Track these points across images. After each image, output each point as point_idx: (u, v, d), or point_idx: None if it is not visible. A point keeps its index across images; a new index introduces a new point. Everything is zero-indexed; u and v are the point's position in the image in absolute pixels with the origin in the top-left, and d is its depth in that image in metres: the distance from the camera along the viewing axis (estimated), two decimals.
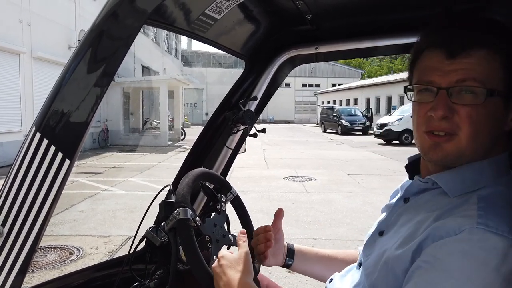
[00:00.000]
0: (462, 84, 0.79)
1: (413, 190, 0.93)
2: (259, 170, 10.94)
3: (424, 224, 0.80)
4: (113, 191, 8.15)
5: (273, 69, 1.49)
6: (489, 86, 0.78)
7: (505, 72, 0.79)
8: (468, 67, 0.79)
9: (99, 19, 0.79)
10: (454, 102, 0.80)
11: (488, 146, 0.83)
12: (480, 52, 0.79)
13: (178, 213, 1.03)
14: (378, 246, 0.92)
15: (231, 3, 1.11)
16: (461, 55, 0.79)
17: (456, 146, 0.81)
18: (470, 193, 0.81)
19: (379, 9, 1.25)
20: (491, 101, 0.78)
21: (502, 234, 0.70)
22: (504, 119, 0.82)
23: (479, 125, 0.79)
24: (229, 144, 1.56)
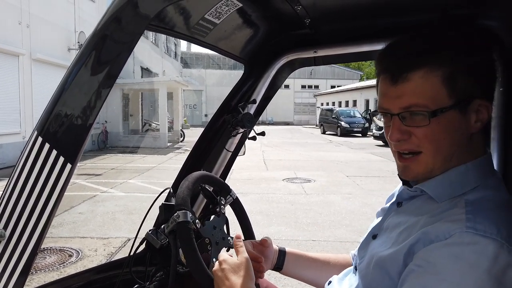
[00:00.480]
0: (408, 110, 0.82)
1: (405, 196, 0.96)
2: (258, 172, 10.95)
3: (415, 228, 0.82)
4: (112, 193, 8.15)
5: (272, 72, 1.50)
6: (433, 106, 0.80)
7: (448, 87, 0.80)
8: (409, 92, 0.82)
9: (101, 23, 0.80)
10: (407, 125, 0.84)
11: (458, 152, 0.85)
12: (418, 73, 0.81)
13: (178, 216, 1.04)
14: (371, 250, 0.94)
15: (230, 8, 1.12)
16: (401, 79, 0.82)
17: (423, 164, 0.85)
18: (458, 197, 0.83)
19: (376, 13, 1.26)
20: (441, 117, 0.80)
21: (490, 237, 0.72)
22: (466, 125, 0.83)
23: (439, 141, 0.82)
24: (229, 147, 1.58)
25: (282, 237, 5.40)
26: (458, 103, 0.81)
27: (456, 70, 0.80)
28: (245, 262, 0.99)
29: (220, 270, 0.98)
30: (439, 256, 0.73)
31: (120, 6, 0.78)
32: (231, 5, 1.11)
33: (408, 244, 0.80)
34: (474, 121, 0.83)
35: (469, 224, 0.74)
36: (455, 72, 0.80)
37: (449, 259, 0.72)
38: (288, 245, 4.39)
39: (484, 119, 0.84)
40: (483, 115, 0.83)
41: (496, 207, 0.79)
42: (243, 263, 0.98)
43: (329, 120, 29.66)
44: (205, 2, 1.07)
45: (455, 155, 0.84)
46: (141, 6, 0.78)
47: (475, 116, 0.83)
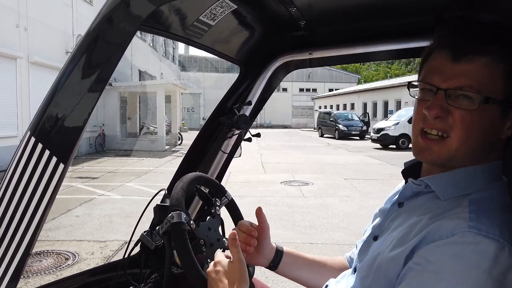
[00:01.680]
0: (460, 89, 0.81)
1: (406, 194, 0.94)
2: (256, 175, 10.95)
3: (416, 228, 0.81)
4: (109, 196, 8.13)
5: (268, 74, 1.50)
6: (486, 93, 0.79)
7: (505, 81, 0.80)
8: (469, 72, 0.80)
9: (94, 24, 0.80)
10: (450, 104, 0.81)
11: (481, 151, 0.84)
12: (483, 59, 0.80)
13: (172, 217, 1.04)
14: (372, 251, 0.92)
15: (225, 10, 1.13)
16: (464, 59, 0.81)
17: (447, 148, 0.83)
18: (462, 196, 0.82)
19: (370, 16, 1.26)
20: (486, 108, 0.79)
21: (493, 237, 0.71)
22: (500, 127, 0.83)
23: (472, 129, 0.81)
24: (224, 149, 1.57)
25: (280, 240, 5.39)
26: (506, 102, 0.80)
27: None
28: (240, 264, 0.97)
29: (214, 272, 0.97)
30: (440, 254, 0.72)
31: (113, 6, 0.78)
32: (225, 6, 1.11)
33: (411, 245, 0.79)
34: (508, 128, 0.83)
35: (472, 224, 0.73)
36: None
37: (450, 258, 0.71)
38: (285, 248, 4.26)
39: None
40: None
41: (500, 209, 0.78)
42: (238, 266, 0.97)
43: (327, 123, 29.71)
44: (199, 3, 1.08)
45: (477, 151, 0.83)
46: (133, 6, 0.78)
47: (510, 123, 0.83)
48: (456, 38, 0.83)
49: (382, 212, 1.03)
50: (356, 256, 1.03)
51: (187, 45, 1.34)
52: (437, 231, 0.76)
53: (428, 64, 0.89)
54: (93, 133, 17.27)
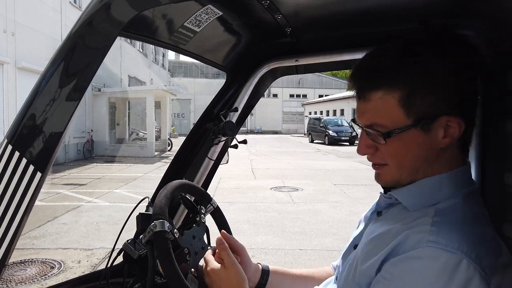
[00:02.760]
0: (369, 127, 0.85)
1: (382, 205, 0.96)
2: (246, 181, 10.92)
3: (387, 238, 0.82)
4: (97, 203, 8.02)
5: (254, 80, 1.50)
6: (391, 125, 0.82)
7: (404, 107, 0.81)
8: (370, 110, 0.84)
9: (75, 28, 0.79)
10: (372, 139, 0.86)
11: (427, 166, 0.85)
12: (377, 94, 0.82)
13: (155, 226, 1.02)
14: (351, 260, 0.93)
15: (210, 16, 1.12)
16: (364, 98, 0.85)
17: (390, 174, 0.88)
18: (430, 206, 0.83)
19: (356, 23, 1.27)
20: (400, 136, 0.82)
21: (451, 251, 0.71)
22: (431, 142, 0.83)
23: (401, 156, 0.84)
24: (211, 155, 1.56)
25: (269, 246, 5.37)
26: (418, 122, 0.81)
27: (414, 90, 0.80)
28: (233, 267, 0.99)
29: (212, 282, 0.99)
30: (402, 269, 0.74)
31: (94, 11, 0.77)
32: (211, 13, 1.10)
33: (381, 257, 0.80)
34: (442, 137, 0.82)
35: (431, 238, 0.74)
36: (412, 92, 0.80)
37: (410, 273, 0.73)
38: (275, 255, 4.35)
39: (455, 134, 0.82)
40: (453, 131, 0.82)
41: (462, 220, 0.79)
42: (232, 269, 0.98)
43: (317, 129, 29.85)
44: (184, 10, 1.07)
45: (421, 168, 0.85)
46: (114, 11, 0.77)
47: (443, 132, 0.82)
48: (353, 79, 0.88)
49: (365, 219, 1.04)
50: (340, 264, 1.03)
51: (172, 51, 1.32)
52: (404, 244, 0.77)
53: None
54: (82, 139, 17.08)
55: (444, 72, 0.80)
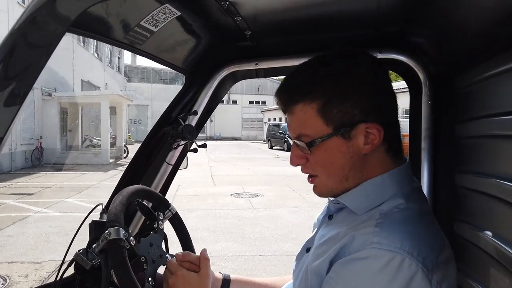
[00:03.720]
0: (297, 139, 0.89)
1: (332, 209, 0.98)
2: (205, 188, 10.79)
3: (336, 240, 0.84)
4: (46, 213, 7.59)
5: (214, 84, 1.48)
6: (315, 134, 0.86)
7: (323, 116, 0.85)
8: (294, 122, 0.89)
9: (16, 25, 0.72)
10: (301, 151, 0.90)
11: (355, 172, 0.88)
12: (298, 106, 0.87)
13: (109, 233, 0.96)
14: (303, 262, 0.95)
15: (168, 16, 1.09)
16: (288, 112, 0.90)
17: (322, 185, 0.91)
18: (375, 208, 0.85)
19: (315, 28, 1.29)
20: (325, 144, 0.85)
21: (393, 251, 0.74)
22: (354, 149, 0.86)
23: (328, 165, 0.88)
24: (169, 160, 1.52)
25: (229, 253, 5.32)
26: (337, 130, 0.85)
27: (329, 100, 0.84)
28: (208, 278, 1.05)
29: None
30: (348, 270, 0.77)
31: (39, 6, 0.72)
32: (168, 13, 1.07)
33: (328, 258, 0.82)
34: (364, 144, 0.85)
35: (375, 239, 0.77)
36: (328, 101, 0.84)
37: (355, 274, 0.76)
38: (235, 261, 4.31)
39: (375, 140, 0.85)
40: (373, 137, 0.85)
41: (404, 219, 0.82)
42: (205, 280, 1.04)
43: (276, 136, 30.16)
44: (140, 8, 1.03)
45: (350, 176, 0.88)
46: (61, 6, 0.72)
47: (364, 139, 0.85)
48: (278, 94, 0.93)
49: (318, 222, 1.07)
50: (294, 267, 1.04)
51: (128, 51, 1.28)
52: (349, 245, 0.80)
53: None
54: (30, 146, 16.13)
55: (355, 79, 0.85)
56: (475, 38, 1.00)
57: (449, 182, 1.16)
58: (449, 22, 1.07)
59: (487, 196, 0.92)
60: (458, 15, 1.01)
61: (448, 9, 1.02)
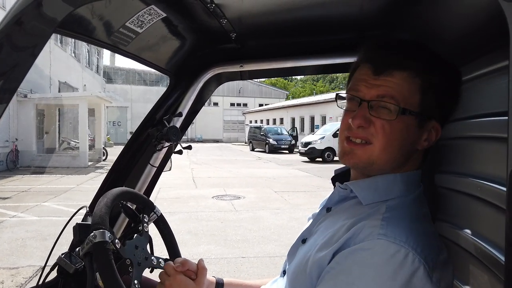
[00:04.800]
0: (381, 99, 0.87)
1: (334, 199, 0.99)
2: (187, 190, 10.71)
3: (340, 232, 0.85)
4: (23, 218, 7.38)
5: (199, 85, 1.48)
6: (404, 105, 0.86)
7: (422, 95, 0.88)
8: (389, 85, 0.87)
9: (1, 26, 0.71)
10: (372, 114, 0.87)
11: (399, 160, 0.90)
12: (402, 73, 0.87)
13: (94, 236, 0.95)
14: (300, 253, 0.95)
15: (153, 17, 1.08)
16: (385, 73, 0.88)
17: (368, 154, 0.88)
18: (382, 202, 0.88)
19: (299, 32, 1.31)
20: (404, 119, 0.86)
21: (399, 244, 0.76)
22: (417, 138, 0.90)
23: (392, 138, 0.87)
24: (153, 162, 1.50)
25: (212, 256, 5.29)
26: (422, 114, 0.87)
27: (431, 85, 0.88)
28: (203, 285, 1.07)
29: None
30: (352, 260, 0.77)
31: (23, 7, 0.70)
32: (154, 14, 1.07)
33: (332, 250, 0.83)
34: (424, 139, 0.90)
35: (381, 231, 0.78)
36: (429, 86, 0.87)
37: (359, 264, 0.76)
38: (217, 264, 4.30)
39: (432, 140, 0.91)
40: (432, 137, 0.91)
41: (410, 217, 0.85)
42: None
43: (258, 138, 30.23)
44: (125, 9, 1.02)
45: (396, 160, 0.89)
46: (47, 7, 0.71)
47: (427, 135, 0.90)
48: (378, 54, 0.91)
49: (313, 216, 1.07)
50: (287, 259, 1.05)
51: (113, 52, 1.27)
52: (356, 237, 0.81)
53: (354, 76, 0.95)
54: (5, 149, 15.66)
55: (447, 83, 0.91)
56: (454, 44, 1.03)
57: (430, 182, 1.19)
58: (429, 27, 1.10)
59: (466, 195, 0.95)
60: (438, 21, 1.05)
61: (429, 14, 1.05)
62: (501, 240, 0.71)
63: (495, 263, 0.79)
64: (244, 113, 49.44)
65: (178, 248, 1.30)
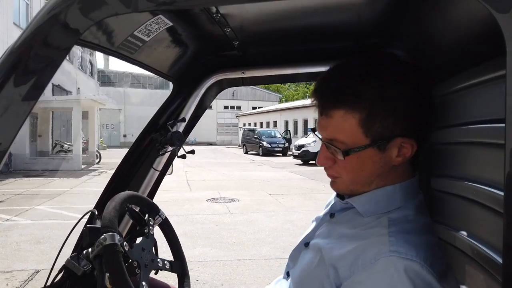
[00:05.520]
0: (329, 142, 0.90)
1: (337, 208, 1.02)
2: (181, 193, 10.70)
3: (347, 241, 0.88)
4: (17, 221, 7.33)
5: (201, 91, 1.51)
6: (351, 143, 0.86)
7: (364, 127, 0.85)
8: (332, 126, 0.88)
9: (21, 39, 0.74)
10: (331, 153, 0.91)
11: (379, 180, 0.92)
12: (338, 112, 0.86)
13: (104, 239, 0.98)
14: (305, 257, 0.98)
15: (160, 26, 1.12)
16: (324, 114, 0.89)
17: (344, 185, 0.94)
18: (383, 214, 0.90)
19: (299, 39, 1.35)
20: (359, 154, 0.87)
21: (411, 259, 0.78)
22: (386, 160, 0.89)
23: (356, 172, 0.90)
24: (156, 166, 1.54)
25: (207, 258, 5.31)
26: (375, 142, 0.86)
27: (374, 113, 0.84)
28: None
29: None
30: (371, 281, 0.79)
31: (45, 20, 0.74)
32: (161, 23, 1.11)
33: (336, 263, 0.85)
34: (396, 156, 0.88)
35: (392, 248, 0.80)
36: (372, 114, 0.84)
37: (379, 283, 0.78)
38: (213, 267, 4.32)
39: (407, 154, 0.88)
40: (405, 151, 0.88)
41: (415, 230, 0.87)
42: None
43: (251, 140, 30.26)
44: (134, 19, 1.06)
45: (374, 182, 0.91)
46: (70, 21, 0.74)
47: (397, 151, 0.88)
48: (315, 95, 0.93)
49: (317, 219, 1.09)
50: (289, 262, 1.08)
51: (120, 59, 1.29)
52: (363, 256, 0.82)
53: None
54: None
55: (401, 97, 0.85)
56: (449, 53, 1.08)
57: (426, 185, 1.23)
58: (425, 36, 1.14)
59: (462, 198, 0.99)
60: (433, 30, 1.09)
61: (424, 24, 1.10)
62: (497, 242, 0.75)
63: (492, 264, 0.82)
64: (238, 116, 49.46)
65: (182, 251, 1.34)
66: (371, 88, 0.84)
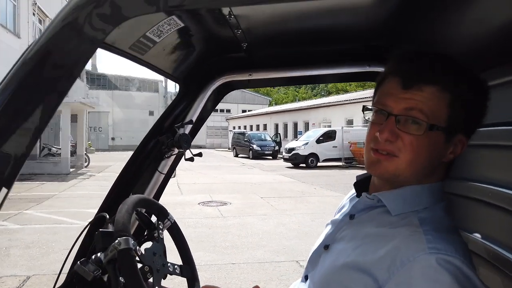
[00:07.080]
0: (409, 113, 0.87)
1: (359, 207, 1.00)
2: (172, 196, 10.61)
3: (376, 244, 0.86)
4: (5, 226, 7.17)
5: (208, 93, 1.50)
6: (432, 120, 0.86)
7: (450, 110, 0.87)
8: (418, 99, 0.87)
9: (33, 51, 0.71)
10: (399, 128, 0.88)
11: (425, 172, 0.91)
12: (431, 88, 0.86)
13: (119, 243, 0.96)
14: (326, 261, 0.96)
15: (172, 27, 1.11)
16: (413, 87, 0.87)
17: (395, 166, 0.89)
18: (411, 213, 0.89)
19: (306, 42, 1.35)
20: (431, 134, 0.87)
21: (451, 255, 0.78)
22: (443, 152, 0.90)
23: (419, 153, 0.88)
24: (162, 169, 1.52)
25: (202, 262, 5.26)
26: (449, 129, 0.87)
27: (458, 99, 0.87)
28: None
29: None
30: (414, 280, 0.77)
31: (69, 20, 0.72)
32: (173, 24, 1.09)
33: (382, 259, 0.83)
34: (450, 152, 0.90)
35: (430, 245, 0.79)
36: (457, 100, 0.87)
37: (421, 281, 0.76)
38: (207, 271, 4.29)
39: (457, 153, 0.91)
40: (458, 150, 0.90)
41: (446, 229, 0.86)
42: None
43: (241, 143, 30.24)
44: (147, 20, 1.04)
45: (421, 173, 0.90)
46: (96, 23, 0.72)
47: (452, 148, 0.90)
48: (407, 67, 0.90)
49: (334, 222, 1.07)
50: (309, 266, 1.06)
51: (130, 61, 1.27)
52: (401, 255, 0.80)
53: (381, 88, 0.95)
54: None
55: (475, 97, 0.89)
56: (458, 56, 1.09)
57: None
58: (432, 39, 1.15)
59: (476, 201, 1.00)
60: (440, 34, 1.10)
61: (431, 27, 1.11)
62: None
63: (509, 265, 0.83)
64: (228, 119, 49.39)
65: (191, 254, 1.32)
66: (469, 78, 0.89)
